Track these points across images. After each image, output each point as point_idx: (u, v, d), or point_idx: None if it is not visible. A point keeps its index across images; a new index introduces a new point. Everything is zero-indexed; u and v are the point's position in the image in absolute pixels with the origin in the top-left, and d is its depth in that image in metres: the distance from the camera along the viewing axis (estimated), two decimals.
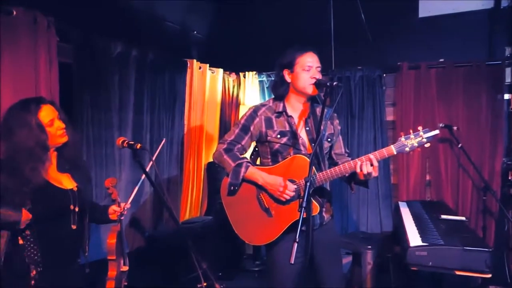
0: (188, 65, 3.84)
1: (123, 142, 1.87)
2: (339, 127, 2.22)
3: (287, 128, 2.06)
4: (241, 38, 4.35)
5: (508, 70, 3.45)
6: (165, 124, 3.64)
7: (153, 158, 2.01)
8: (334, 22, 4.03)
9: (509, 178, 3.26)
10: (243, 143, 2.11)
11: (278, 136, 2.05)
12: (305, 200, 1.61)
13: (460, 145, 3.35)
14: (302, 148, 2.04)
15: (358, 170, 1.87)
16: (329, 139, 2.13)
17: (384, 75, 3.90)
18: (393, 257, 2.82)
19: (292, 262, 1.50)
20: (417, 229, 2.46)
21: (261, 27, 4.33)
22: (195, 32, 4.18)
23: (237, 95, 4.47)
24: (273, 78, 4.34)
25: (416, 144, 1.83)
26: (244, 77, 4.44)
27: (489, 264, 1.99)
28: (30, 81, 2.44)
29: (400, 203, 3.30)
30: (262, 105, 2.14)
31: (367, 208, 3.90)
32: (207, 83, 4.05)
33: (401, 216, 2.77)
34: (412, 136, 1.85)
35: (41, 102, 1.85)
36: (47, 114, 1.82)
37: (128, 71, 3.25)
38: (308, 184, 1.65)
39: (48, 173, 1.86)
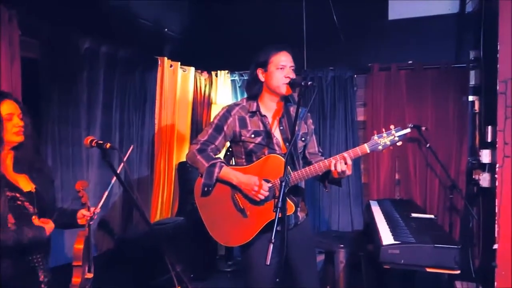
0: (159, 63, 3.76)
1: (91, 141, 1.80)
2: (312, 127, 2.22)
3: (261, 128, 2.04)
4: (213, 36, 4.31)
5: (472, 73, 3.57)
6: (135, 123, 3.55)
7: (124, 159, 1.94)
8: (307, 23, 4.06)
9: (473, 177, 3.37)
10: (216, 143, 2.08)
11: (252, 135, 2.03)
12: (280, 200, 1.60)
13: (428, 145, 3.44)
14: (276, 147, 2.03)
15: (332, 168, 1.88)
16: (303, 139, 2.13)
17: (356, 75, 3.96)
18: (365, 255, 2.86)
19: (268, 263, 1.48)
20: (389, 227, 2.49)
21: (233, 26, 4.30)
22: (166, 29, 4.10)
23: (209, 94, 4.42)
24: (245, 77, 4.32)
25: (388, 143, 1.86)
26: (216, 76, 4.40)
27: (457, 260, 2.05)
28: None
29: (371, 201, 3.35)
30: (236, 104, 2.12)
31: (338, 207, 3.95)
32: (179, 81, 3.98)
33: (373, 215, 2.81)
34: (384, 134, 1.87)
35: (5, 96, 1.81)
36: (7, 107, 1.78)
37: (97, 67, 3.14)
38: (283, 183, 1.64)
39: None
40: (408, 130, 1.88)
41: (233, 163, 2.16)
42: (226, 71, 4.37)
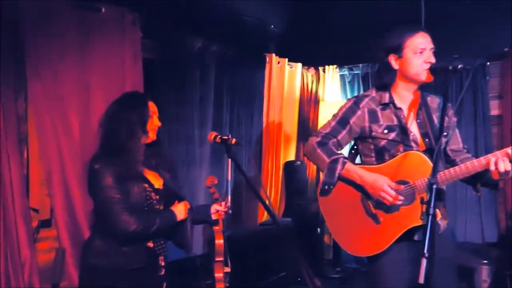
0: (267, 59, 3.70)
1: (215, 137, 1.75)
2: (454, 119, 1.90)
3: (395, 122, 1.78)
4: (320, 30, 4.08)
5: None
6: (244, 121, 3.54)
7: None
8: (426, 4, 3.62)
9: None
10: (339, 137, 1.87)
11: (385, 131, 1.78)
12: (432, 205, 1.33)
13: None
14: (413, 144, 1.75)
15: (492, 167, 1.55)
16: (445, 133, 1.81)
17: (488, 63, 3.44)
18: None
19: (422, 282, 1.24)
20: None
21: (341, 17, 4.03)
22: (272, 26, 4.02)
23: (316, 91, 4.25)
24: (355, 72, 4.06)
25: None
26: (324, 71, 4.21)
27: None
28: (117, 77, 2.44)
29: None
30: (364, 95, 1.88)
31: (466, 216, 3.49)
32: (286, 78, 3.88)
33: None
34: None
35: (150, 98, 1.91)
36: (152, 106, 1.87)
37: (208, 66, 3.19)
38: (434, 186, 1.37)
39: None
40: None
41: (360, 162, 1.92)
42: (335, 66, 4.16)
